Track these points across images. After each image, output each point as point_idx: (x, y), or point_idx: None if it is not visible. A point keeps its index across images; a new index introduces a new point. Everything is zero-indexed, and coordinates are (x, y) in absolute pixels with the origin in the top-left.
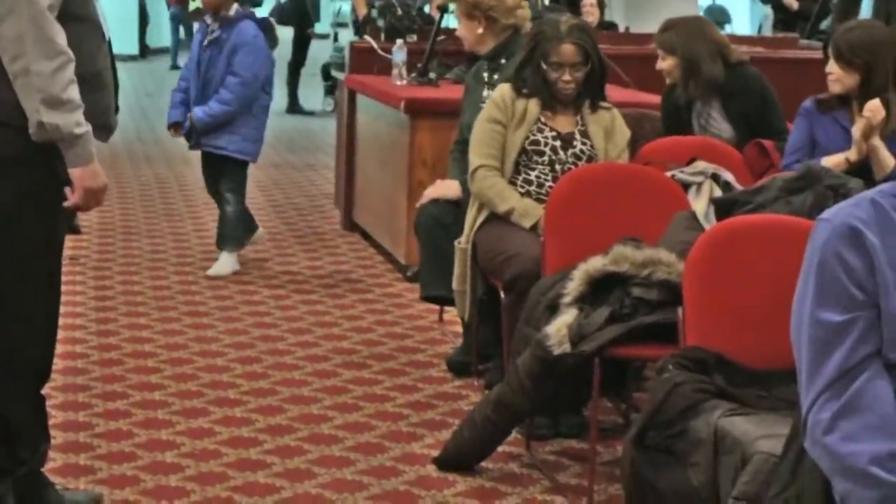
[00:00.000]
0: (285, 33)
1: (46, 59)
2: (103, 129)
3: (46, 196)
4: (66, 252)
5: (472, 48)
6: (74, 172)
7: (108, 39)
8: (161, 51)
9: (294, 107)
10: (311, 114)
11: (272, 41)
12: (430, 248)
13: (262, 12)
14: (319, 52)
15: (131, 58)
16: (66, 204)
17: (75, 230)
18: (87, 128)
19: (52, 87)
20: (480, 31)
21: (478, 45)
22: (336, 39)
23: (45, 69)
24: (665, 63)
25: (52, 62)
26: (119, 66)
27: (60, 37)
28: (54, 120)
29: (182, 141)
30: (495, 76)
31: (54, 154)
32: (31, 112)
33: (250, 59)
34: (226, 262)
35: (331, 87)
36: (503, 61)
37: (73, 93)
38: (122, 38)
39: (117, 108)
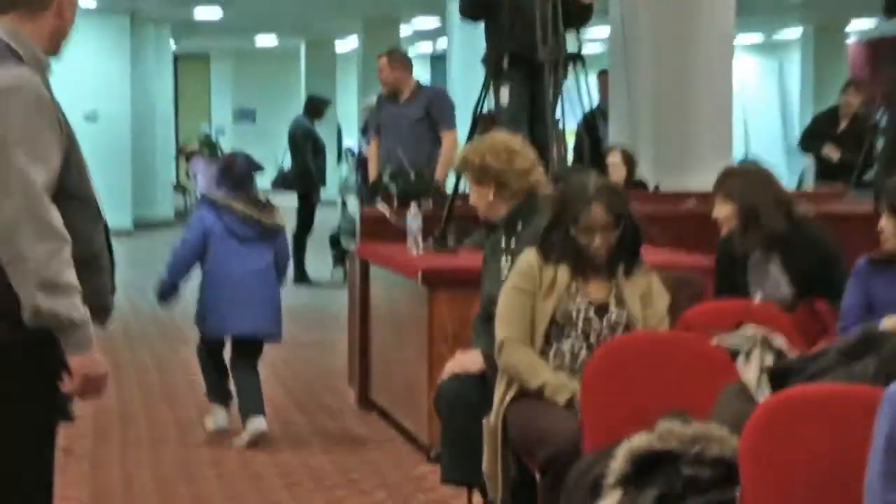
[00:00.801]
0: (290, 201)
1: (41, 241)
2: (101, 310)
3: (41, 386)
4: (60, 443)
5: (486, 216)
6: (73, 360)
7: (104, 219)
8: (154, 224)
9: (301, 277)
10: (318, 284)
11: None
12: (453, 427)
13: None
14: (327, 218)
15: (125, 232)
16: (65, 390)
17: (68, 416)
18: (85, 313)
19: (47, 272)
20: (491, 197)
21: (490, 212)
22: (345, 205)
23: (41, 253)
24: (722, 211)
25: (48, 245)
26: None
27: (56, 218)
28: (51, 306)
29: (181, 319)
30: (513, 243)
31: (50, 340)
32: (26, 298)
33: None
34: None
35: (339, 256)
36: (520, 227)
37: (71, 276)
38: (115, 212)
39: (114, 289)
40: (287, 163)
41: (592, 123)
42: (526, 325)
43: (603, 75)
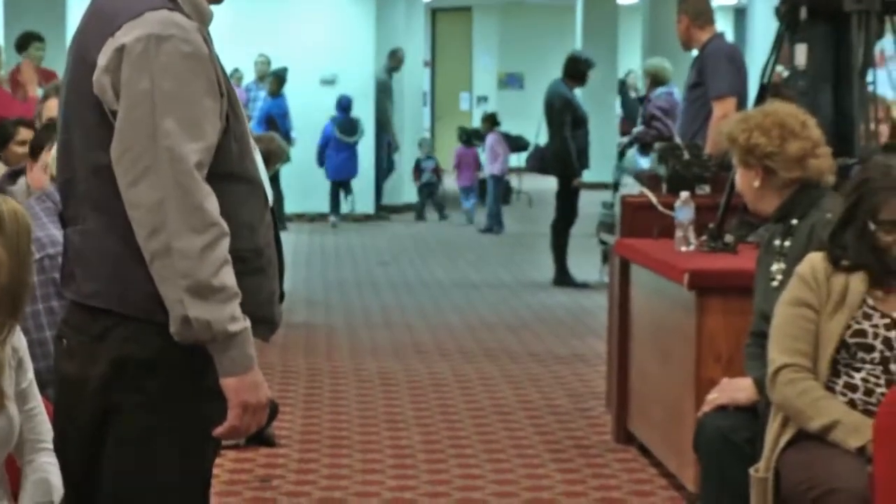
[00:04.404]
0: (548, 184)
1: (194, 232)
2: (264, 322)
3: (188, 417)
4: (258, 471)
5: (753, 207)
6: (228, 383)
7: (270, 205)
8: (396, 209)
9: (562, 278)
10: (584, 286)
11: None
12: (714, 473)
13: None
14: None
15: (366, 217)
16: (217, 431)
17: (269, 441)
18: (245, 323)
19: (200, 271)
20: (757, 184)
21: (758, 203)
22: (616, 190)
23: (192, 247)
24: None
25: (202, 237)
26: (352, 227)
27: (211, 203)
28: (204, 314)
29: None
30: (787, 243)
31: (200, 359)
32: (172, 303)
33: None
34: None
35: (608, 253)
36: (794, 222)
37: (228, 277)
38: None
39: (282, 296)
40: (543, 138)
41: None
42: (808, 350)
43: None
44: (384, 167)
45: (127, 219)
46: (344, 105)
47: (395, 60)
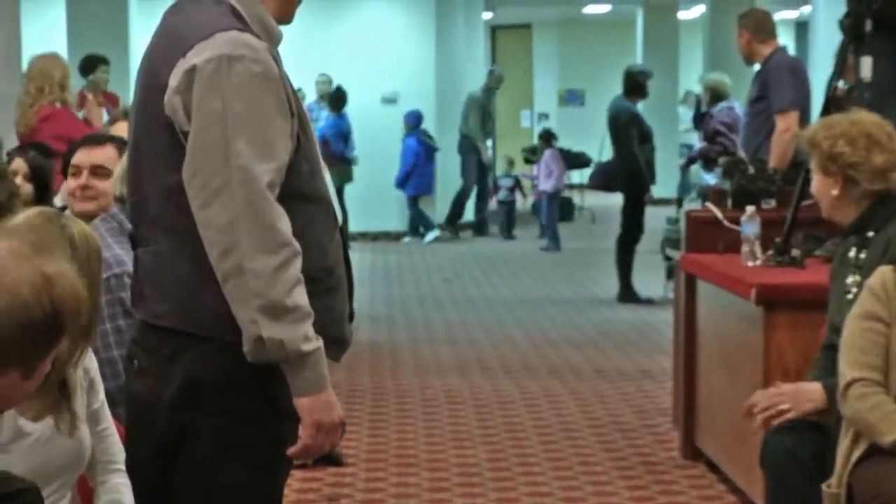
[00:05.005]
0: (611, 201)
1: (266, 253)
2: (335, 342)
3: (261, 437)
4: (325, 491)
5: (829, 215)
6: (302, 403)
7: (339, 224)
8: (461, 227)
9: (627, 294)
10: (648, 302)
11: None
12: (781, 491)
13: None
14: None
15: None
16: (291, 451)
17: (337, 461)
18: (318, 343)
19: (273, 291)
20: (836, 192)
21: (834, 212)
22: (681, 205)
23: (265, 267)
24: None
25: (274, 257)
26: (415, 245)
27: (283, 223)
28: (277, 334)
29: (478, 340)
30: (862, 255)
31: (273, 379)
32: (246, 324)
33: None
34: None
35: (672, 269)
36: (870, 234)
37: (301, 297)
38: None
39: (352, 315)
40: (607, 155)
41: None
42: (879, 364)
43: None
44: (486, 188)
45: (198, 240)
46: (417, 117)
47: (494, 80)
